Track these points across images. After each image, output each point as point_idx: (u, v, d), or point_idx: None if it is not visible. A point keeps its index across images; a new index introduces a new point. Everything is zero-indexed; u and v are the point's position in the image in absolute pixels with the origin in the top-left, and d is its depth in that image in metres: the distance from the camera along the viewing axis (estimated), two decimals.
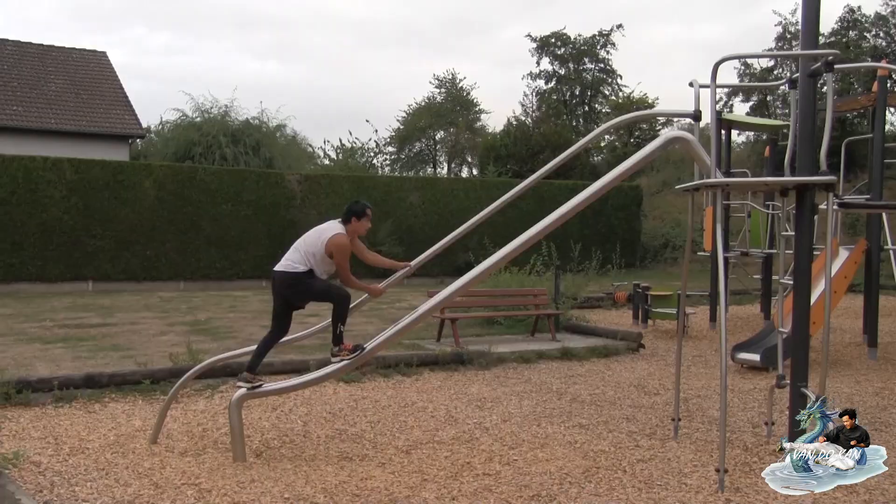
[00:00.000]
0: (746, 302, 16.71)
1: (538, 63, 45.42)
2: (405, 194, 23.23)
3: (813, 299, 7.30)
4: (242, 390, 5.85)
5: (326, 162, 36.62)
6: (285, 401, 7.33)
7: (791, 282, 5.92)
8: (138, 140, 29.32)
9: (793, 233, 5.94)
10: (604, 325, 12.53)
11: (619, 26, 44.44)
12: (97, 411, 6.89)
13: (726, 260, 5.31)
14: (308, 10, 79.67)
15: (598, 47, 44.62)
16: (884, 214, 11.12)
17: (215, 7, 78.64)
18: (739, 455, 5.79)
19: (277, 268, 6.03)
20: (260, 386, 5.88)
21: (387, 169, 41.79)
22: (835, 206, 7.46)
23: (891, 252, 13.09)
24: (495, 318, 12.36)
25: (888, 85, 10.17)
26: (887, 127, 12.49)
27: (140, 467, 5.33)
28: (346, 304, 6.00)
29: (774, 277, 11.86)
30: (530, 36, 45.02)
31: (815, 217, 6.88)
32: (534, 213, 9.37)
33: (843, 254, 10.56)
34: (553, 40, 44.62)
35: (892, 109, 21.94)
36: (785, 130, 13.86)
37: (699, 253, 14.08)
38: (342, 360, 5.85)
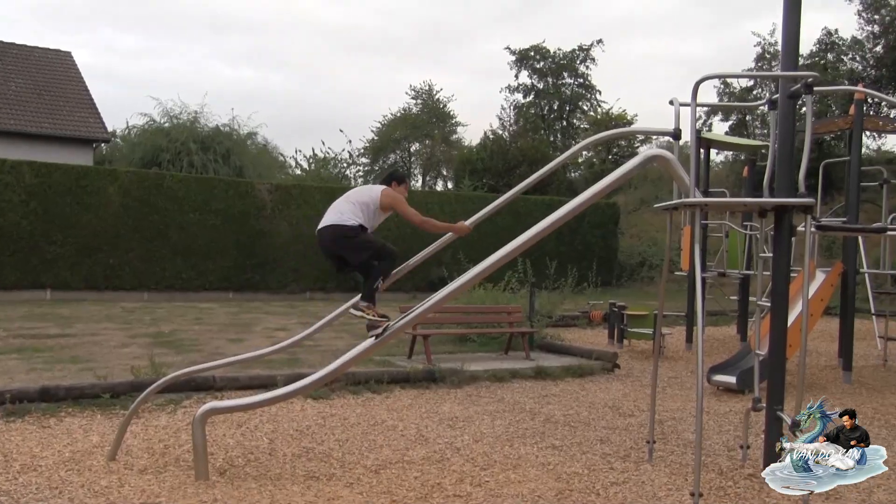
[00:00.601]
0: (723, 323, 16.73)
1: (517, 76, 45.50)
2: None
3: (789, 322, 7.26)
4: (206, 406, 5.70)
5: (298, 172, 36.08)
6: (251, 417, 7.15)
7: (768, 303, 5.88)
8: (103, 144, 28.53)
9: (770, 254, 5.91)
10: (579, 345, 12.44)
11: (599, 41, 44.65)
12: (52, 426, 6.64)
13: (703, 280, 5.28)
14: (284, 17, 78.74)
15: (578, 62, 44.68)
16: (860, 238, 11.16)
17: (187, 10, 77.24)
18: (714, 479, 5.72)
19: (324, 224, 5.93)
20: (388, 327, 5.76)
21: (360, 180, 41.34)
22: (812, 229, 7.43)
23: (866, 275, 13.16)
24: (468, 335, 12.23)
25: (864, 109, 10.21)
26: (863, 150, 12.57)
27: (96, 486, 5.13)
28: (394, 263, 6.03)
29: (751, 299, 11.85)
30: (509, 48, 45.07)
31: (793, 239, 6.84)
32: (510, 229, 9.27)
33: (820, 276, 10.57)
34: (532, 54, 44.64)
35: (868, 133, 22.20)
36: (764, 151, 13.94)
37: (676, 272, 14.10)
38: (371, 336, 5.73)
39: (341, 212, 5.90)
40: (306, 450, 6.23)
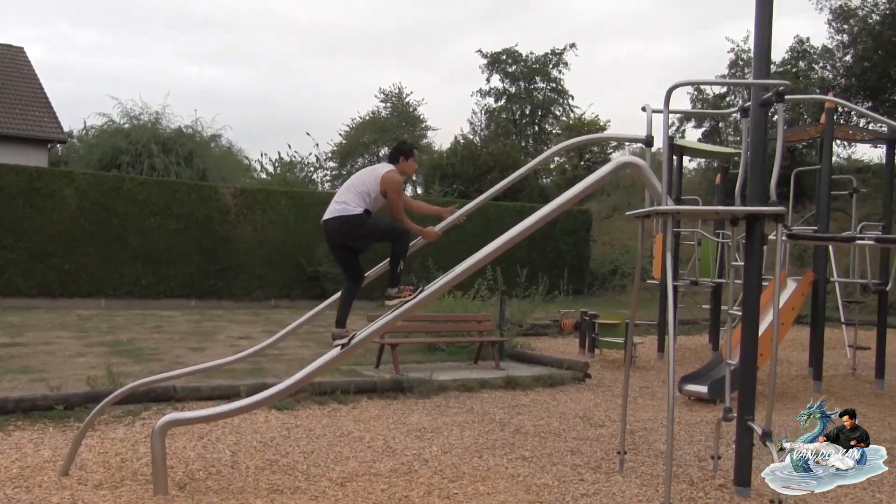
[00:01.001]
0: (695, 332, 16.73)
1: (488, 80, 45.12)
2: None
3: (761, 331, 7.23)
4: (166, 417, 5.56)
5: (263, 176, 35.60)
6: (213, 429, 6.95)
7: (740, 312, 5.85)
8: (59, 145, 27.69)
9: (742, 263, 5.89)
10: (549, 354, 12.36)
11: (572, 45, 44.48)
12: None
13: (675, 289, 5.25)
14: (249, 15, 76.34)
15: (550, 66, 44.50)
16: (830, 246, 11.19)
17: (149, 5, 74.36)
18: (685, 490, 5.67)
19: (328, 216, 5.92)
20: (353, 337, 5.70)
21: (327, 185, 40.80)
22: (783, 237, 7.42)
23: (836, 284, 13.21)
24: (437, 344, 12.08)
25: (835, 117, 10.26)
26: (834, 159, 12.64)
27: (47, 503, 4.92)
28: (409, 240, 5.99)
29: (723, 307, 11.84)
30: (481, 51, 44.81)
31: (765, 247, 6.82)
32: (480, 236, 9.17)
33: (791, 285, 10.59)
34: (504, 57, 44.37)
35: (838, 141, 22.42)
36: (736, 158, 13.96)
37: (648, 281, 14.08)
38: (403, 302, 5.71)
39: (345, 201, 5.91)
40: (270, 462, 6.08)
